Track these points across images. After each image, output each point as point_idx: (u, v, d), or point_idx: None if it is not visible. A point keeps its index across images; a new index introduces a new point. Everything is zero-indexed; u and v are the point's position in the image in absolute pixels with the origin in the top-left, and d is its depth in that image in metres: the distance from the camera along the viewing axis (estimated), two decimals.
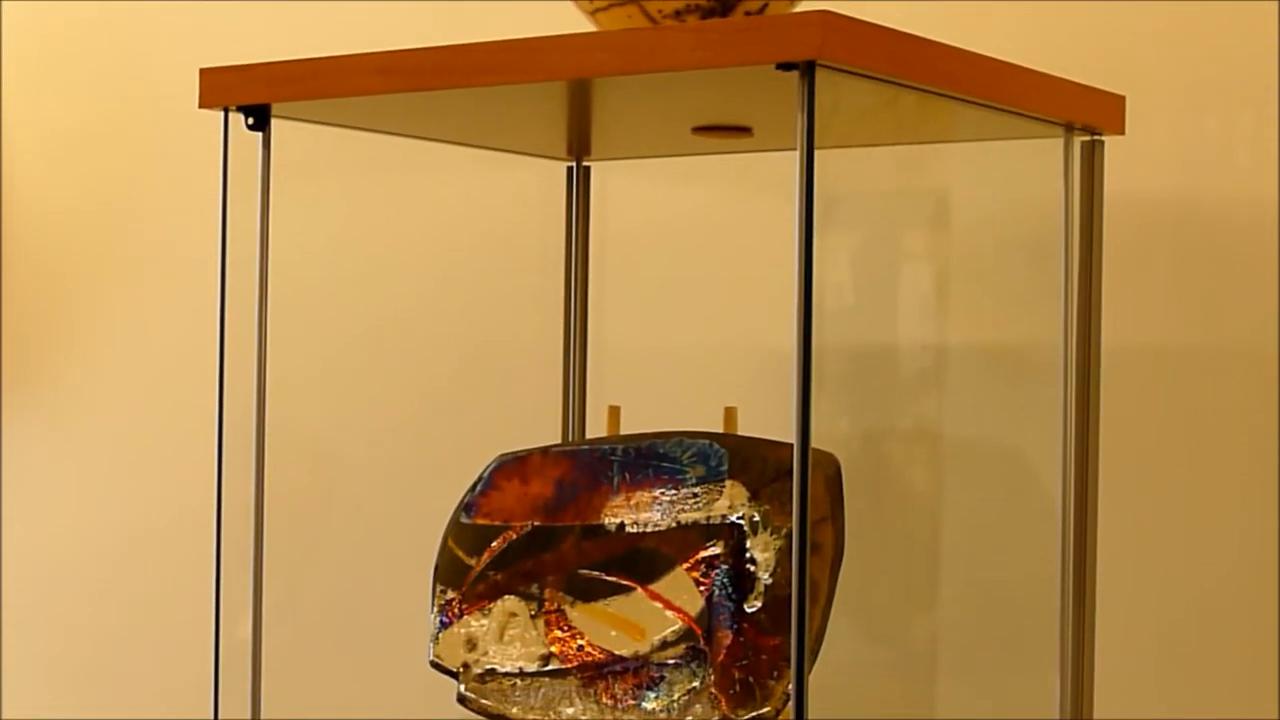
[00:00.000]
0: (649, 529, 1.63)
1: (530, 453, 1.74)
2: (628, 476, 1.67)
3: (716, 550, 1.58)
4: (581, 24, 1.52)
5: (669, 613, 1.59)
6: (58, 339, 2.89)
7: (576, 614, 1.65)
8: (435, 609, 1.73)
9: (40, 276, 2.88)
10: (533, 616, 1.67)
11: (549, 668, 1.64)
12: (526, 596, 1.68)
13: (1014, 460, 1.88)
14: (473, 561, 1.72)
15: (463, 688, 1.69)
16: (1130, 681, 1.80)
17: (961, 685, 1.93)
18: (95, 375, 2.85)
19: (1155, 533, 1.84)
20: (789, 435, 1.30)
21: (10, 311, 2.92)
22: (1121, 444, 1.76)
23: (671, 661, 1.58)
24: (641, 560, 1.62)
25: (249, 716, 1.74)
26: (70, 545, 2.91)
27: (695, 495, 1.62)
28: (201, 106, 1.61)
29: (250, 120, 1.61)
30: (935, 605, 1.95)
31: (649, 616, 1.60)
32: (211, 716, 1.87)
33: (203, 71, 1.59)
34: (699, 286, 2.15)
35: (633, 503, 1.65)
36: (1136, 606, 1.82)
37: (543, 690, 1.64)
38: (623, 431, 1.77)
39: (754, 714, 1.54)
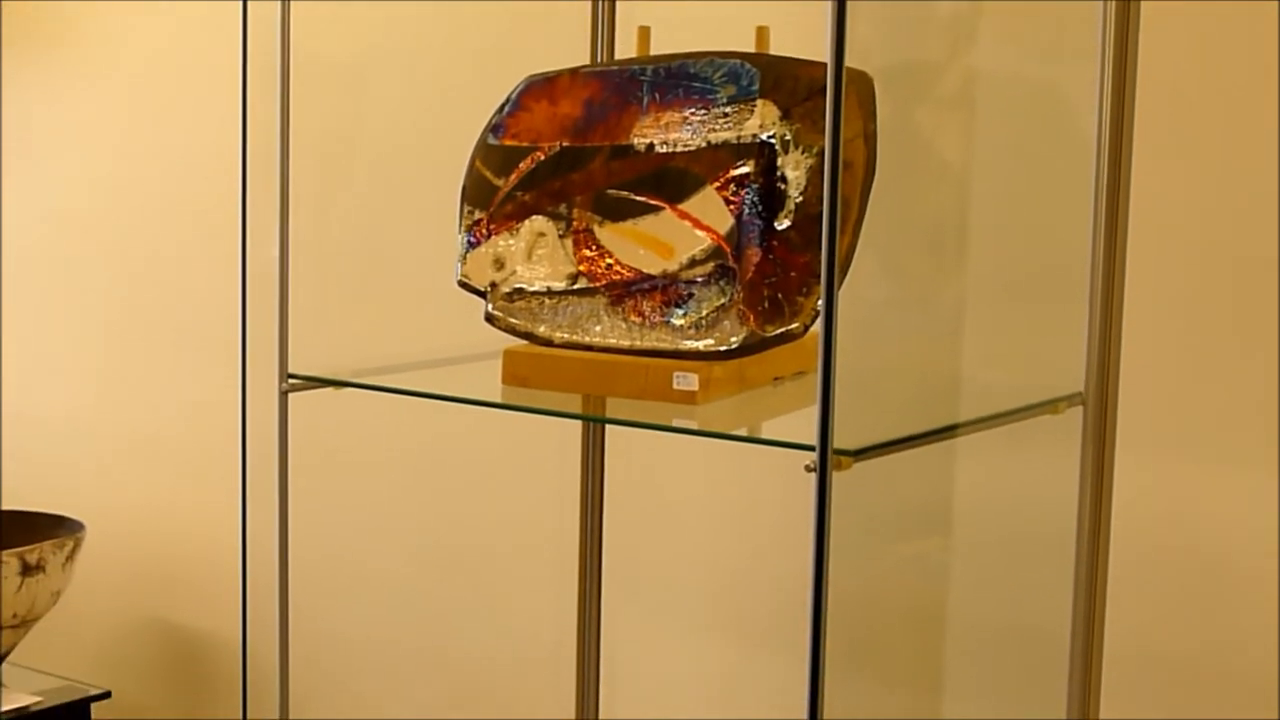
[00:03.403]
0: (679, 149, 1.62)
1: (559, 74, 1.73)
2: (657, 96, 1.65)
3: (747, 169, 1.57)
4: None
5: (698, 231, 1.58)
6: None
7: (605, 233, 1.64)
8: (463, 229, 1.74)
9: None
10: (561, 236, 1.67)
11: (577, 286, 1.65)
12: (555, 216, 1.68)
13: (1049, 96, 1.86)
14: (500, 182, 1.72)
15: (490, 306, 1.71)
16: (1155, 329, 1.81)
17: (986, 323, 1.94)
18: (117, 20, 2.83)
19: (1187, 174, 1.83)
20: (822, 57, 1.28)
21: None
22: (1159, 87, 1.73)
23: (700, 279, 1.58)
24: (671, 179, 1.61)
25: (277, 337, 1.77)
26: (100, 177, 2.92)
27: (726, 115, 1.61)
28: None
29: None
30: (965, 238, 1.95)
31: (678, 235, 1.60)
32: (240, 336, 1.90)
33: None
34: None
35: (662, 123, 1.64)
36: (1165, 253, 1.82)
37: (570, 308, 1.66)
38: (653, 53, 1.75)
39: (783, 330, 1.55)
